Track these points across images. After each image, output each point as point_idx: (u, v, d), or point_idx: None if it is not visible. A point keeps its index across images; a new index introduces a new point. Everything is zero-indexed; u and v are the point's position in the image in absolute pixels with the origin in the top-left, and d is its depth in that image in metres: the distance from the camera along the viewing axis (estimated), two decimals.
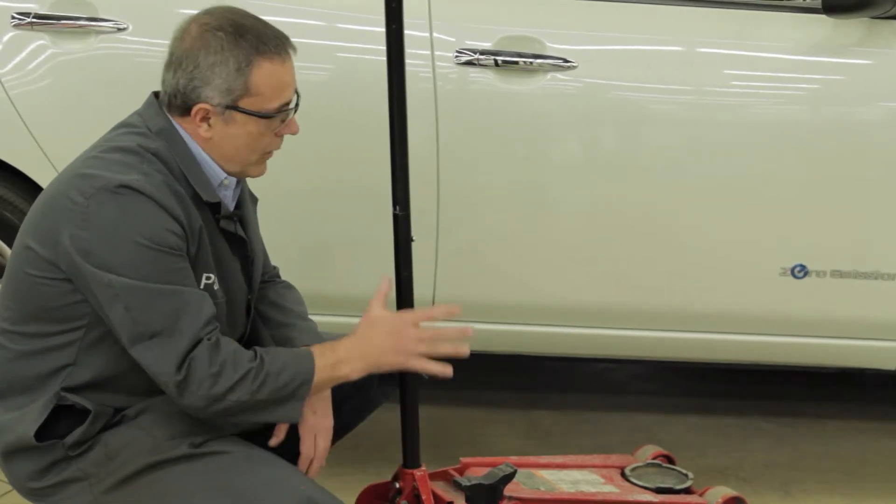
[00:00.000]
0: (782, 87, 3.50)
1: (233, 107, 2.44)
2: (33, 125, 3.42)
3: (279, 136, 2.54)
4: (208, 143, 2.49)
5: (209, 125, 2.47)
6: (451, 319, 3.20)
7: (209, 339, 2.36)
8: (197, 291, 2.39)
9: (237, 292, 2.62)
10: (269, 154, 2.57)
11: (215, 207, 2.53)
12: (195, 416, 2.39)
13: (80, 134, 2.95)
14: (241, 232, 2.63)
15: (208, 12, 2.49)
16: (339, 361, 2.49)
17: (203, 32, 2.45)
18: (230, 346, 2.39)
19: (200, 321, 2.35)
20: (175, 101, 2.49)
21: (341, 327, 3.08)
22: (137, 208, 2.33)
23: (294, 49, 2.52)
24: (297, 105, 2.54)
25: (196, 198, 2.47)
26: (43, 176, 3.44)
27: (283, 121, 2.52)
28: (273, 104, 2.46)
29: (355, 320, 3.44)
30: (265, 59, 2.44)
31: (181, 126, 2.49)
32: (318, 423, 2.59)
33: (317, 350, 2.50)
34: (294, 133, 2.56)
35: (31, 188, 3.49)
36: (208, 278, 2.49)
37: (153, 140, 2.46)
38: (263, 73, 2.44)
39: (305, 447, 2.57)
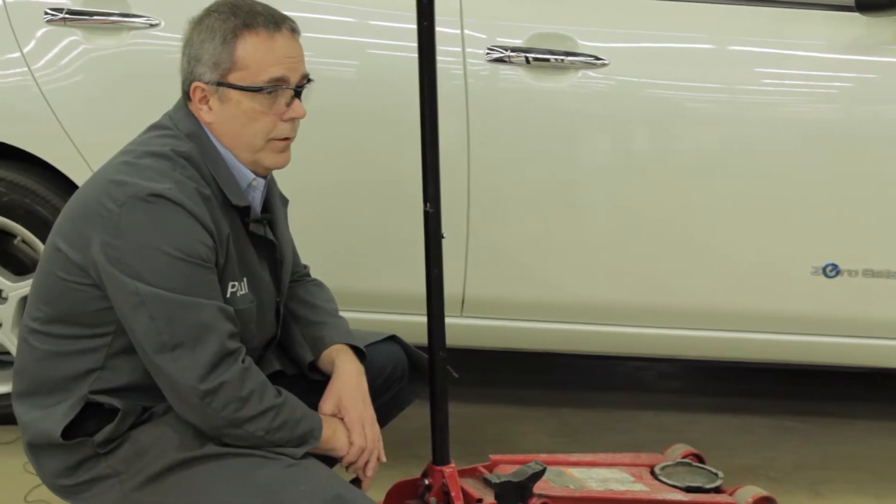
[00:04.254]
0: (815, 85, 3.48)
1: (223, 83, 2.45)
2: (65, 120, 3.44)
3: (286, 120, 2.50)
4: (213, 127, 2.49)
5: (209, 107, 2.48)
6: (481, 316, 3.23)
7: (243, 363, 2.37)
8: (221, 305, 2.39)
9: (266, 295, 2.63)
10: (280, 142, 2.52)
11: (244, 211, 2.53)
12: (202, 430, 2.41)
13: (112, 129, 2.98)
14: (269, 235, 2.63)
15: (216, 1, 2.52)
16: (332, 437, 2.52)
17: (201, 17, 2.50)
18: (260, 376, 2.41)
19: (224, 335, 2.36)
20: (184, 87, 2.52)
21: (372, 324, 3.09)
22: (169, 218, 2.34)
23: (294, 30, 2.50)
24: (300, 88, 2.51)
25: (225, 202, 2.48)
26: (74, 171, 3.46)
27: (287, 104, 2.49)
28: (261, 77, 2.44)
29: (386, 317, 3.48)
30: (250, 32, 2.44)
31: (195, 114, 2.50)
32: (363, 413, 2.58)
33: (323, 419, 2.52)
34: (299, 116, 2.51)
35: (62, 183, 3.51)
36: (233, 286, 2.49)
37: (185, 143, 2.47)
38: (248, 45, 2.44)
39: (357, 437, 2.55)
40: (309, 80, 2.54)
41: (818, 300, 3.49)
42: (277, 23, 2.46)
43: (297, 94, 2.50)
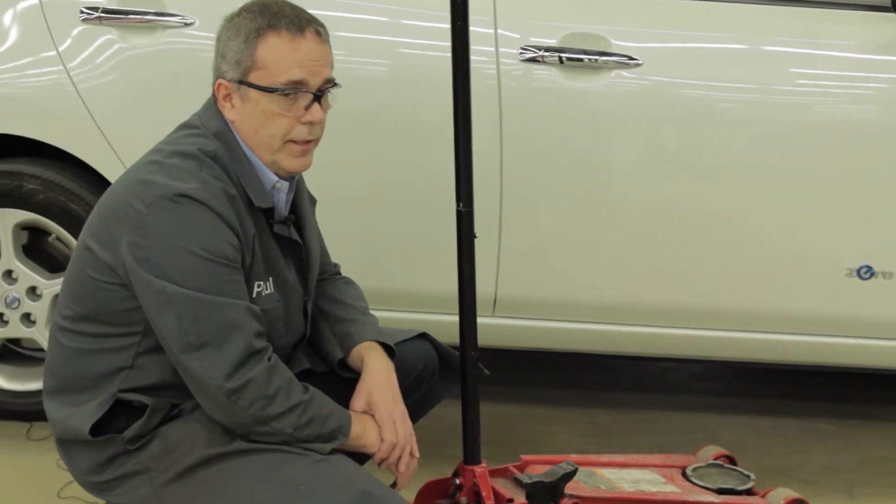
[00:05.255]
0: (849, 86, 3.47)
1: (244, 81, 2.45)
2: (100, 119, 3.46)
3: (304, 123, 2.49)
4: (236, 126, 2.50)
5: (232, 105, 2.49)
6: (512, 316, 3.22)
7: (269, 360, 2.38)
8: (247, 305, 2.39)
9: (292, 295, 2.63)
10: (298, 145, 2.51)
11: (269, 212, 2.53)
12: (230, 428, 2.41)
13: (147, 128, 2.99)
14: (295, 236, 2.63)
15: (252, 0, 2.53)
16: (362, 433, 2.52)
17: (234, 14, 2.51)
18: (286, 373, 2.42)
19: (251, 334, 2.36)
20: (213, 84, 2.53)
21: (404, 323, 3.09)
22: (196, 218, 2.35)
23: (320, 33, 2.49)
24: (322, 93, 2.50)
25: (251, 202, 2.48)
26: (109, 169, 3.48)
27: (306, 107, 2.48)
28: (280, 79, 2.44)
29: (418, 316, 3.48)
30: (273, 32, 2.44)
31: (223, 112, 2.51)
32: (394, 409, 2.57)
33: (353, 415, 2.52)
34: (315, 121, 2.49)
35: (97, 181, 3.53)
36: (259, 286, 2.49)
37: (212, 142, 2.47)
38: (269, 46, 2.44)
39: (388, 433, 2.55)
40: (334, 85, 2.53)
41: (852, 302, 3.48)
42: (302, 25, 2.46)
43: (318, 98, 2.50)
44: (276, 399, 2.36)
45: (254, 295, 2.47)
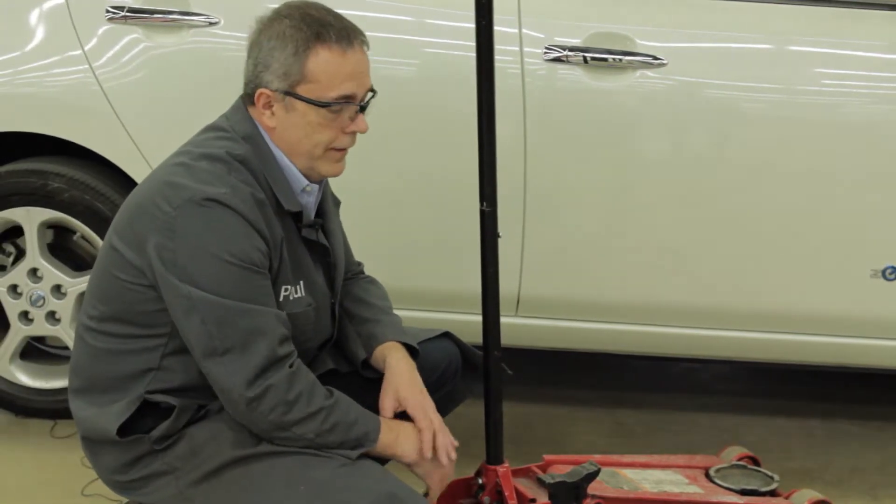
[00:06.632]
0: (875, 86, 3.45)
1: (291, 93, 2.43)
2: (126, 118, 3.47)
3: (348, 133, 2.50)
4: (274, 133, 2.49)
5: (272, 113, 2.47)
6: (537, 316, 3.21)
7: (290, 367, 2.38)
8: (273, 311, 2.39)
9: (321, 298, 2.63)
10: (338, 152, 2.52)
11: (297, 215, 2.53)
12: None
13: (172, 127, 3.00)
14: (322, 240, 2.64)
15: (287, 4, 2.50)
16: (395, 442, 2.51)
17: (272, 20, 2.47)
18: (309, 378, 2.41)
19: (275, 341, 2.36)
20: (247, 90, 2.51)
21: (428, 323, 3.09)
22: (223, 223, 2.34)
23: (366, 44, 2.49)
24: (366, 103, 2.50)
25: (279, 206, 2.48)
26: (134, 168, 3.49)
27: (351, 118, 2.48)
28: (330, 93, 2.43)
29: (441, 315, 3.47)
30: (323, 46, 2.42)
31: (255, 118, 2.50)
32: (423, 400, 2.58)
33: (384, 422, 2.51)
34: (362, 132, 2.51)
35: (122, 180, 3.55)
36: (286, 290, 2.49)
37: (240, 145, 2.46)
38: (320, 59, 2.42)
39: (422, 422, 2.55)
40: (374, 93, 2.53)
41: (877, 303, 3.46)
42: (350, 38, 2.44)
43: (362, 108, 2.50)
44: (296, 405, 2.36)
45: (280, 299, 2.47)
